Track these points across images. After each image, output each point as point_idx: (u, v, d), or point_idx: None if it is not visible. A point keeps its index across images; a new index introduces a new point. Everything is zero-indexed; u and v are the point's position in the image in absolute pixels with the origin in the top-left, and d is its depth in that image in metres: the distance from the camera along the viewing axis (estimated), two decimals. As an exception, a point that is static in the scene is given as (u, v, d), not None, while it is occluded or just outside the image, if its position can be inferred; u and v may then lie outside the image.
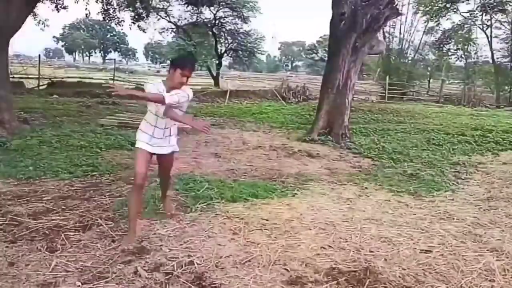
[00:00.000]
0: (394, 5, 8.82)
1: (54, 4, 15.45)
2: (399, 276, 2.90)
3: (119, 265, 2.93)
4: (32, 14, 13.45)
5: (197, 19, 26.03)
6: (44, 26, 18.87)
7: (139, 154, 3.44)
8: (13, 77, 15.46)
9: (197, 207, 4.25)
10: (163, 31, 27.93)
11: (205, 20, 26.22)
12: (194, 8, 25.28)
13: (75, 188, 4.78)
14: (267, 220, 3.98)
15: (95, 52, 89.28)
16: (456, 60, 29.64)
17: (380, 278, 2.84)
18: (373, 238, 3.63)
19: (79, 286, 2.64)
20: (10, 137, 6.97)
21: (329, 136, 8.96)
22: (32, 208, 4.02)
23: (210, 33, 26.80)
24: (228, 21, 27.34)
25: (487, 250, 3.45)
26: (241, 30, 28.24)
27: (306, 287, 2.71)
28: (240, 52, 29.47)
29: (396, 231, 3.83)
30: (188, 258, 3.09)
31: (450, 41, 27.13)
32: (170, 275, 2.83)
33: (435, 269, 3.04)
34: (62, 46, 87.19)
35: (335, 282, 2.78)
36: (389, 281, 2.82)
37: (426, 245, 3.51)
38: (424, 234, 3.78)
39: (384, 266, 3.04)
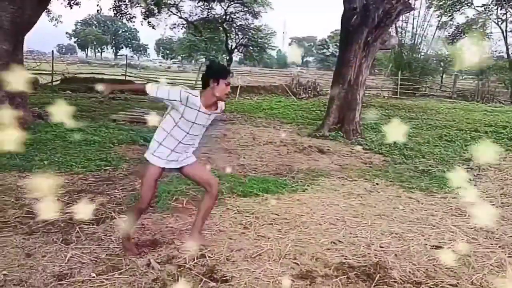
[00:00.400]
0: (406, 0, 8.72)
1: (67, 1, 15.63)
2: (409, 272, 2.90)
3: (132, 257, 2.99)
4: (45, 10, 13.61)
5: (208, 15, 26.08)
6: (57, 23, 19.15)
7: (149, 172, 2.96)
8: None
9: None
10: (174, 27, 28.06)
11: (216, 16, 26.25)
12: (205, 3, 25.31)
13: (89, 182, 4.86)
14: (277, 215, 4.01)
15: (107, 48, 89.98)
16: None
17: (390, 273, 2.85)
18: (384, 233, 3.64)
19: (93, 277, 2.71)
20: (25, 132, 7.10)
21: (340, 132, 8.94)
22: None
23: (221, 28, 26.85)
24: (239, 17, 27.33)
25: (499, 246, 3.43)
26: (251, 26, 28.23)
27: (316, 281, 2.73)
28: (251, 48, 29.46)
29: (407, 227, 3.83)
30: (200, 251, 3.13)
31: (464, 36, 26.67)
32: (182, 268, 2.88)
33: (445, 265, 3.03)
34: (75, 42, 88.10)
35: (345, 276, 2.80)
36: (399, 276, 2.82)
37: (437, 241, 3.51)
38: (435, 230, 3.77)
39: (394, 261, 3.04)
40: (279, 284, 2.67)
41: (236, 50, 29.40)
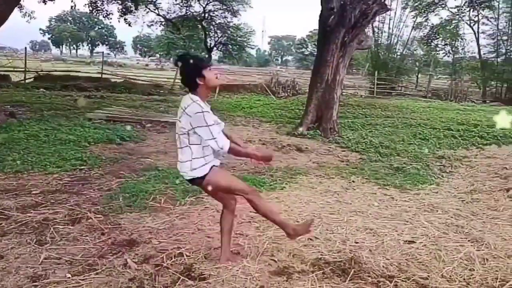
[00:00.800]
0: (382, 1, 8.90)
1: (41, -4, 15.23)
2: (383, 266, 2.99)
3: (109, 257, 2.97)
4: (18, 6, 13.23)
5: (186, 12, 25.85)
6: (31, 18, 18.62)
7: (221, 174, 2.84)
8: (-1, 70, 15.23)
9: (187, 201, 4.29)
10: (152, 24, 27.69)
11: (195, 14, 26.06)
12: (183, 1, 25.10)
13: (64, 182, 4.78)
14: (255, 212, 4.03)
15: (83, 45, 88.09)
16: (444, 56, 30.01)
17: (364, 268, 2.93)
18: (359, 229, 3.72)
19: (69, 278, 2.67)
20: (-4, 131, 6.90)
21: (317, 131, 9.06)
22: (21, 201, 4.02)
23: (200, 26, 26.67)
24: (217, 15, 27.25)
25: (468, 240, 3.56)
26: (231, 24, 28.17)
27: (293, 277, 2.78)
28: (230, 46, 29.41)
29: (381, 223, 3.93)
30: (178, 250, 3.14)
31: (438, 37, 27.38)
32: (159, 267, 2.87)
33: (417, 259, 3.13)
34: (49, 38, 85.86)
35: (321, 272, 2.85)
36: (373, 270, 2.90)
37: (410, 236, 3.61)
38: (408, 226, 3.88)
39: (368, 256, 3.12)
40: (256, 281, 2.70)
41: (215, 48, 29.28)
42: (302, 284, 2.69)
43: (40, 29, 79.97)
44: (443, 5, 25.97)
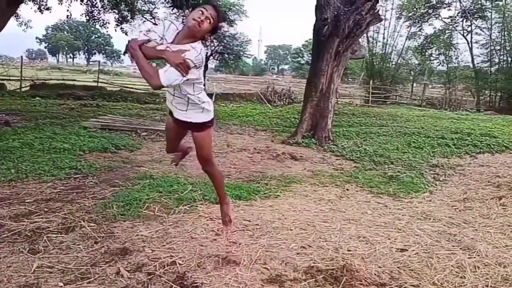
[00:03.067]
0: (376, 11, 9.02)
1: (37, 5, 15.30)
2: (375, 274, 3.00)
3: (101, 266, 2.97)
4: (14, 15, 13.27)
5: (183, 22, 25.97)
6: (27, 27, 18.68)
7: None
8: (-6, 79, 15.22)
9: (181, 209, 4.30)
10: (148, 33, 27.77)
11: (191, 23, 26.20)
12: (179, 10, 25.25)
13: (58, 190, 4.77)
14: (249, 221, 4.06)
15: (79, 54, 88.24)
16: (438, 65, 30.33)
17: (357, 276, 2.95)
18: (352, 237, 3.74)
19: (61, 286, 2.67)
20: (-9, 139, 6.89)
21: (312, 139, 9.10)
22: (14, 210, 4.01)
23: (196, 36, 26.80)
24: (214, 24, 27.36)
25: (460, 248, 3.59)
26: (227, 33, 28.31)
27: (285, 285, 2.79)
28: (226, 55, 29.52)
29: (374, 231, 3.95)
30: (171, 258, 3.14)
31: (432, 46, 27.71)
32: (152, 275, 2.87)
33: (409, 267, 3.16)
34: (45, 47, 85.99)
35: (313, 279, 2.87)
36: (365, 278, 2.92)
37: (402, 244, 3.64)
38: (401, 234, 3.91)
39: (360, 264, 3.14)
40: (248, 289, 2.71)
41: (211, 57, 29.40)
42: (294, 292, 2.70)
43: (36, 37, 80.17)
44: (436, 15, 26.36)
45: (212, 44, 28.40)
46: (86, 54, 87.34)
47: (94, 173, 5.55)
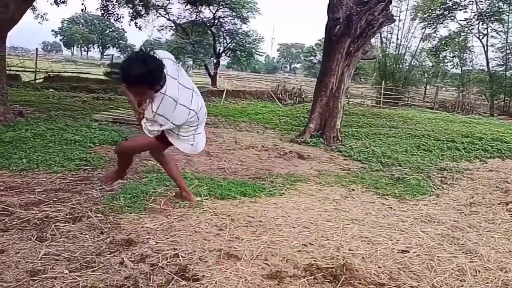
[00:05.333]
0: (388, 12, 8.97)
1: (53, -1, 15.53)
2: (374, 274, 3.03)
3: (106, 256, 3.04)
4: (31, 7, 13.50)
5: (196, 18, 26.12)
6: (43, 20, 18.97)
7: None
8: (10, 70, 15.50)
9: (186, 203, 4.35)
10: (162, 29, 28.01)
11: (204, 19, 26.32)
12: (194, 6, 25.37)
13: (67, 181, 4.88)
14: (253, 217, 4.10)
15: (94, 47, 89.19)
16: (452, 67, 29.96)
17: (356, 275, 2.97)
18: (354, 237, 3.76)
19: (66, 273, 2.75)
20: (4, 129, 7.05)
21: (320, 139, 9.11)
22: (24, 199, 4.11)
23: (209, 32, 26.90)
24: (227, 21, 27.45)
25: (462, 252, 3.59)
26: (240, 31, 28.36)
27: (284, 281, 2.83)
28: (238, 52, 29.56)
29: (377, 232, 3.96)
30: (174, 251, 3.20)
31: (446, 48, 27.39)
32: (155, 266, 2.94)
33: (409, 268, 3.17)
34: (61, 40, 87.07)
35: (312, 277, 2.90)
36: (364, 277, 2.94)
37: (404, 246, 3.65)
38: (404, 235, 3.92)
39: (360, 263, 3.17)
40: (248, 283, 2.76)
41: (223, 54, 29.48)
42: (293, 288, 2.74)
43: (52, 30, 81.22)
44: (452, 17, 26.03)
45: (224, 41, 28.53)
46: (100, 47, 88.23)
47: (103, 165, 5.65)
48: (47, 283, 2.63)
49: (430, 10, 25.60)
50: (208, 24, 26.45)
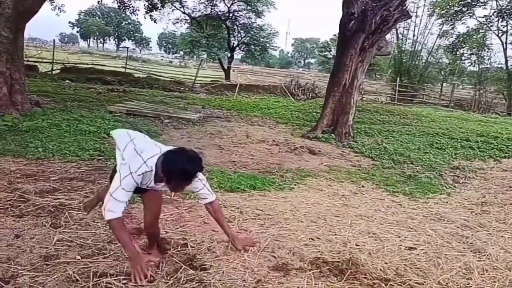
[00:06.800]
0: (404, 8, 8.86)
1: (71, -9, 15.69)
2: (380, 269, 3.04)
3: (117, 244, 3.11)
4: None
5: (211, 11, 26.16)
6: (60, 12, 19.22)
7: None
8: (28, 61, 15.78)
9: (196, 195, 4.42)
10: (177, 22, 28.10)
11: (219, 13, 26.33)
12: (209, 0, 25.41)
13: (81, 170, 4.99)
14: (261, 210, 4.15)
15: (109, 39, 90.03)
16: (470, 65, 29.38)
17: (361, 270, 2.99)
18: (362, 233, 3.77)
19: (78, 259, 2.84)
20: (21, 118, 7.22)
21: (332, 134, 9.09)
22: (40, 186, 4.23)
23: (224, 26, 26.91)
24: (242, 15, 27.41)
25: (470, 250, 3.57)
26: (254, 25, 28.30)
27: (290, 273, 2.87)
28: (253, 47, 29.51)
29: (385, 228, 3.97)
30: (183, 240, 3.27)
31: (464, 46, 26.85)
32: (164, 255, 3.00)
33: (416, 265, 3.17)
34: (77, 32, 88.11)
35: (318, 270, 2.93)
36: (369, 272, 2.96)
37: (412, 243, 3.65)
38: (412, 233, 3.91)
39: (367, 259, 3.18)
40: (254, 274, 2.80)
41: (237, 48, 29.47)
42: (298, 281, 2.77)
43: (69, 22, 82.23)
44: (470, 14, 25.49)
45: (239, 35, 28.52)
46: (116, 40, 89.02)
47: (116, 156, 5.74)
48: (60, 267, 2.71)
49: (448, 6, 25.10)
50: (223, 18, 26.46)
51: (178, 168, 2.39)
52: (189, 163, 2.44)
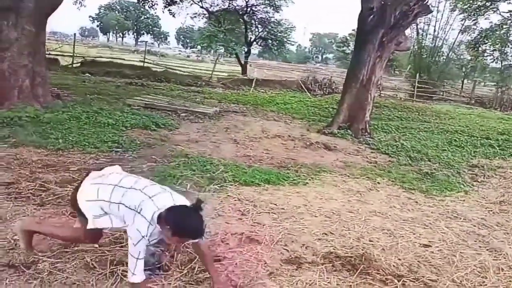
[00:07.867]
0: (425, 2, 8.70)
1: (92, -15, 15.92)
2: (393, 265, 3.04)
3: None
4: (70, -6, 13.93)
5: (229, 6, 26.15)
6: (81, 6, 19.53)
7: None
8: (49, 54, 16.10)
9: (211, 188, 4.48)
10: (195, 16, 28.20)
11: (237, 7, 26.30)
12: (227, -5, 25.41)
13: (100, 161, 5.10)
14: (275, 204, 4.17)
15: (128, 34, 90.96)
16: (492, 62, 28.66)
17: (374, 265, 2.99)
18: (376, 229, 3.77)
19: (96, 247, 2.92)
20: (43, 110, 7.39)
21: (349, 130, 9.02)
22: (60, 176, 4.35)
23: (241, 20, 26.89)
24: (259, 9, 27.29)
25: (487, 249, 3.53)
26: (272, 19, 28.17)
27: (303, 267, 2.89)
28: (270, 41, 29.41)
29: (400, 225, 3.95)
30: (197, 232, 3.32)
31: (486, 42, 26.17)
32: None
33: (430, 262, 3.16)
34: (97, 26, 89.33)
35: (331, 264, 2.95)
36: (382, 268, 2.96)
37: (427, 240, 3.63)
38: (427, 230, 3.89)
39: (380, 254, 3.18)
40: (267, 267, 2.84)
41: (255, 42, 29.41)
42: (311, 274, 2.79)
43: (89, 16, 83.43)
44: (494, 9, 24.78)
45: (256, 30, 28.46)
46: (135, 34, 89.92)
47: (134, 148, 5.86)
48: (78, 255, 2.80)
49: (471, 1, 24.48)
50: (241, 12, 26.41)
51: (191, 227, 2.29)
52: (201, 223, 2.36)
